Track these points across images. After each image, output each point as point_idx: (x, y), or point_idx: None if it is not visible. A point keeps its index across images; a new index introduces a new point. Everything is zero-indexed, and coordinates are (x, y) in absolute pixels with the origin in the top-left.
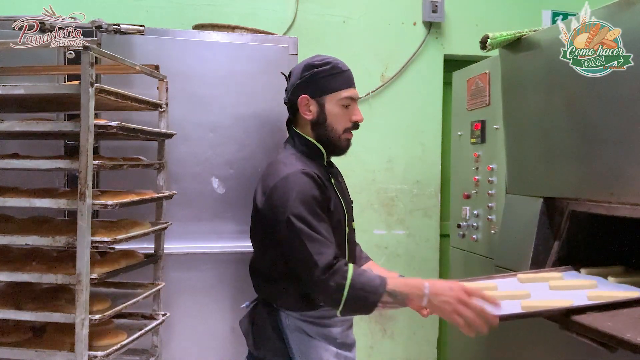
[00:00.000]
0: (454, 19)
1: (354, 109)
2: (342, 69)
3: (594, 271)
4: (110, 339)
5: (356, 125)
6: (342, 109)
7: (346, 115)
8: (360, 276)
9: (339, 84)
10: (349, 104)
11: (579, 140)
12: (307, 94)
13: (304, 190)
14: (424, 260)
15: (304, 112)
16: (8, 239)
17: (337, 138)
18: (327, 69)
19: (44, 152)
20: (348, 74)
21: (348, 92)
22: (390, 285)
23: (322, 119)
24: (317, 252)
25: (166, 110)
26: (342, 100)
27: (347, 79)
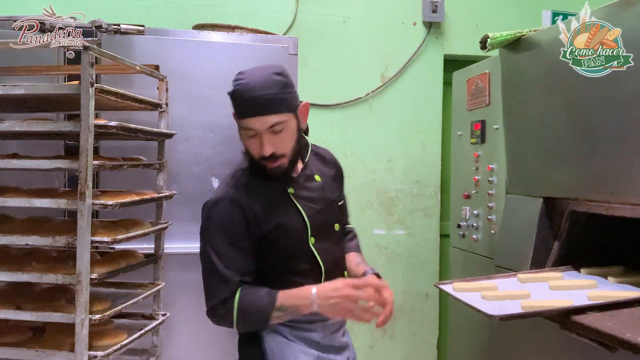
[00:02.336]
0: (454, 19)
1: (260, 141)
2: (243, 98)
3: (594, 271)
4: (110, 339)
5: (267, 158)
6: (248, 138)
7: (254, 145)
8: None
9: (239, 111)
10: (253, 135)
11: (579, 140)
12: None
13: (224, 217)
14: (424, 260)
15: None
16: (8, 239)
17: (259, 163)
18: (232, 92)
19: (44, 152)
20: (251, 102)
21: (247, 122)
22: (279, 302)
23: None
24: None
25: (166, 110)
26: (243, 130)
27: (248, 107)
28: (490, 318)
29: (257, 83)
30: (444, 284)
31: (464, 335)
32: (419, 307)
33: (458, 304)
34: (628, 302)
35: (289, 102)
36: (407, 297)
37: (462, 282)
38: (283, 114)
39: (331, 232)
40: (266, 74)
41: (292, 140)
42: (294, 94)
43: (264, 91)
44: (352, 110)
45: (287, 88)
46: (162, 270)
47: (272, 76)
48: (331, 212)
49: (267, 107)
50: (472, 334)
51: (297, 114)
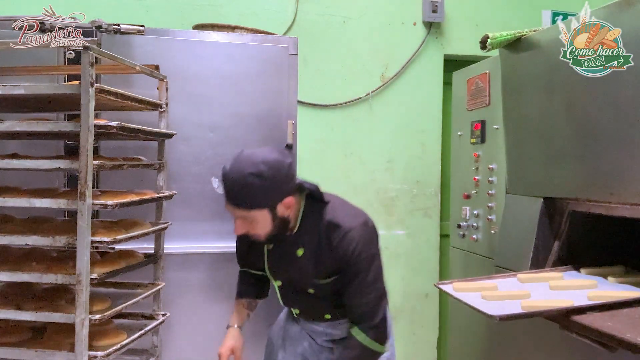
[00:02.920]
0: (454, 19)
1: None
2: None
3: (594, 271)
4: (110, 339)
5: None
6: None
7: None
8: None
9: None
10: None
11: (579, 140)
12: None
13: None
14: (424, 260)
15: None
16: (8, 239)
17: None
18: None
19: (44, 152)
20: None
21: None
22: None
23: None
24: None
25: (166, 110)
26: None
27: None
28: (490, 318)
29: (233, 176)
30: (444, 284)
31: (464, 335)
32: (419, 307)
33: (458, 304)
34: (628, 302)
35: (260, 201)
36: (407, 297)
37: (462, 282)
38: (251, 211)
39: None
40: (244, 173)
41: (264, 229)
42: (270, 193)
43: (234, 187)
44: (352, 110)
45: (261, 190)
46: (162, 270)
47: (247, 177)
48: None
49: (234, 201)
50: (472, 334)
51: (275, 209)
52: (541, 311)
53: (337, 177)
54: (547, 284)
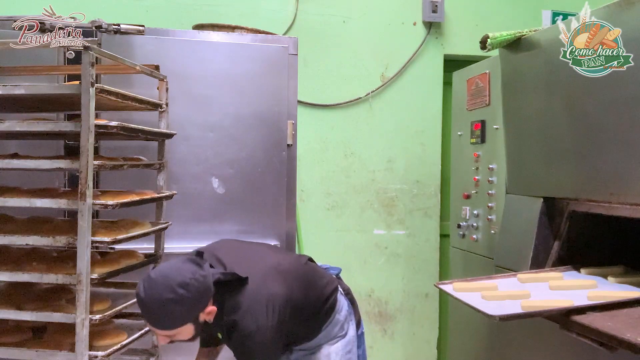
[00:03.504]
0: (454, 19)
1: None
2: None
3: (594, 271)
4: (110, 339)
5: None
6: None
7: None
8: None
9: None
10: None
11: (579, 140)
12: None
13: None
14: (424, 260)
15: None
16: (8, 239)
17: None
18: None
19: (44, 152)
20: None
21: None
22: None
23: None
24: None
25: (166, 110)
26: None
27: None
28: (490, 318)
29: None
30: (444, 284)
31: (464, 335)
32: (419, 307)
33: (458, 304)
34: (628, 302)
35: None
36: (407, 297)
37: (462, 282)
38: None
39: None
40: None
41: (188, 336)
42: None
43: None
44: (352, 110)
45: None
46: None
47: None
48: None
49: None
50: (472, 334)
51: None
52: (541, 311)
53: (337, 177)
54: (547, 284)
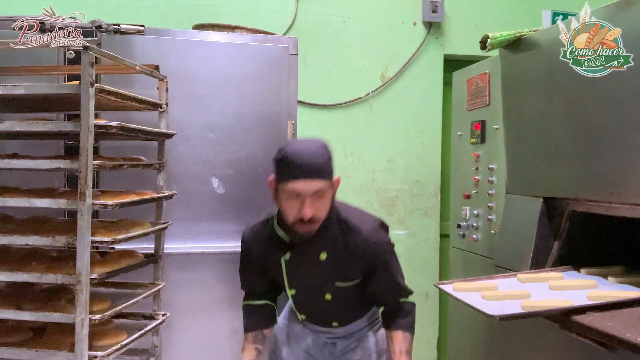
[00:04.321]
0: (454, 19)
1: (303, 203)
2: (292, 162)
3: (594, 271)
4: (110, 339)
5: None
6: (290, 200)
7: (294, 207)
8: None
9: (287, 174)
10: (297, 196)
11: (579, 140)
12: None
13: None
14: (424, 260)
15: (272, 189)
16: (8, 239)
17: (291, 225)
18: (282, 157)
19: (44, 152)
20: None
21: (293, 185)
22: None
23: (278, 202)
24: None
25: (166, 110)
26: (288, 192)
27: (295, 172)
28: (490, 318)
29: (307, 151)
30: (444, 284)
31: (464, 335)
32: (419, 307)
33: (458, 304)
34: (628, 302)
35: (330, 172)
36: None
37: (462, 282)
38: (325, 181)
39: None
40: (314, 145)
41: (327, 208)
42: (332, 166)
43: (313, 158)
44: (352, 110)
45: (330, 160)
46: (162, 270)
47: (319, 148)
48: (322, 286)
49: (315, 172)
50: (472, 334)
51: (333, 185)
52: (541, 311)
53: None
54: (547, 284)
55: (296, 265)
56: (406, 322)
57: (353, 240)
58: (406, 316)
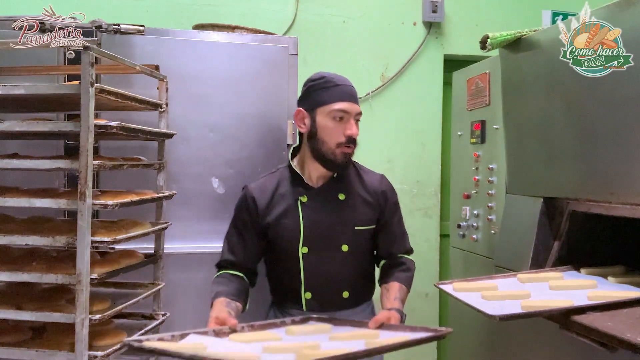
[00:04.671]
0: (454, 19)
1: (348, 123)
2: (336, 83)
3: (594, 271)
4: (110, 339)
5: (351, 140)
6: (334, 122)
7: (339, 129)
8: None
9: (330, 96)
10: (342, 117)
11: (579, 140)
12: (303, 107)
13: (238, 205)
14: (424, 260)
15: (299, 125)
16: (8, 239)
17: (331, 152)
18: (321, 82)
19: (44, 152)
20: (344, 89)
21: (340, 105)
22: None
23: (314, 131)
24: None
25: (166, 110)
26: (333, 113)
27: (341, 92)
28: (490, 318)
29: (343, 77)
30: (444, 284)
31: (464, 335)
32: (419, 307)
33: (458, 304)
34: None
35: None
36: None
37: (462, 282)
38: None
39: (334, 250)
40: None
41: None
42: None
43: (351, 83)
44: None
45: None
46: (162, 270)
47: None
48: (341, 231)
49: (356, 97)
50: (472, 334)
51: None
52: (541, 311)
53: None
54: (547, 284)
55: (314, 208)
56: (405, 277)
57: (369, 180)
58: (406, 271)
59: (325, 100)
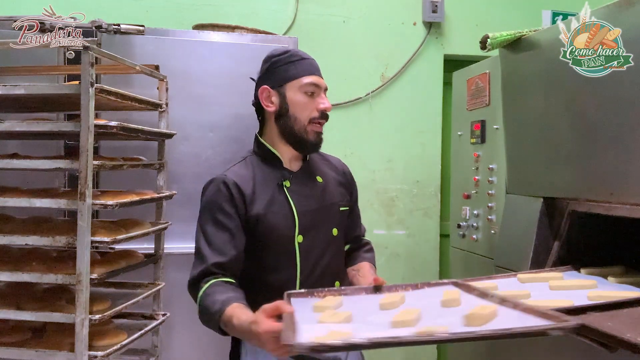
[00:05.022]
0: (454, 19)
1: (319, 97)
2: (302, 57)
3: (594, 271)
4: (110, 339)
5: (324, 115)
6: (306, 96)
7: (311, 103)
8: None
9: (299, 70)
10: (313, 91)
11: (579, 140)
12: (268, 84)
13: (213, 198)
14: (424, 260)
15: (266, 104)
16: (8, 239)
17: (303, 129)
18: (286, 57)
19: (44, 152)
20: (311, 62)
21: (310, 79)
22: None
23: (284, 109)
24: (193, 266)
25: (166, 110)
26: (305, 87)
27: (309, 66)
28: None
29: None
30: None
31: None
32: None
33: None
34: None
35: None
36: None
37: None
38: None
39: (326, 235)
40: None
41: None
42: None
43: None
44: (352, 110)
45: None
46: (162, 270)
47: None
48: (329, 215)
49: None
50: None
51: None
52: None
53: None
54: (547, 284)
55: (299, 192)
56: (371, 257)
57: (333, 161)
58: (370, 251)
59: (294, 75)
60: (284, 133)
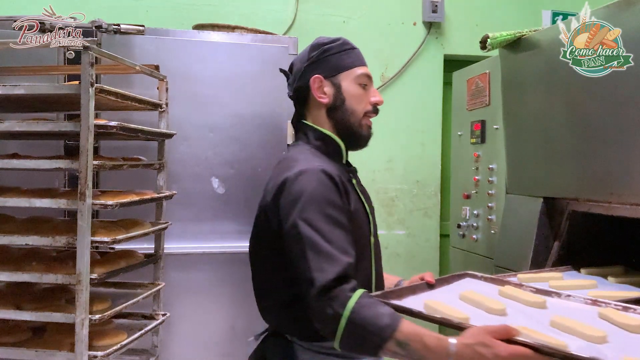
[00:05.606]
0: (454, 19)
1: (371, 90)
2: (353, 46)
3: (594, 271)
4: (110, 339)
5: (376, 109)
6: (360, 88)
7: (365, 96)
8: (365, 309)
9: (353, 60)
10: (366, 83)
11: (579, 140)
12: (320, 74)
13: (319, 190)
14: (424, 260)
15: (319, 95)
16: (8, 239)
17: (358, 124)
18: (338, 45)
19: (44, 152)
20: (359, 52)
21: (363, 69)
22: (403, 333)
23: (340, 100)
24: (317, 268)
25: (166, 110)
26: (359, 78)
27: (360, 56)
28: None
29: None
30: None
31: None
32: None
33: None
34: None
35: None
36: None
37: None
38: None
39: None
40: None
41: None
42: None
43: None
44: None
45: None
46: (162, 270)
47: None
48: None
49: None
50: None
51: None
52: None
53: None
54: (547, 284)
55: (362, 190)
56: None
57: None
58: None
59: (349, 65)
60: (339, 126)
